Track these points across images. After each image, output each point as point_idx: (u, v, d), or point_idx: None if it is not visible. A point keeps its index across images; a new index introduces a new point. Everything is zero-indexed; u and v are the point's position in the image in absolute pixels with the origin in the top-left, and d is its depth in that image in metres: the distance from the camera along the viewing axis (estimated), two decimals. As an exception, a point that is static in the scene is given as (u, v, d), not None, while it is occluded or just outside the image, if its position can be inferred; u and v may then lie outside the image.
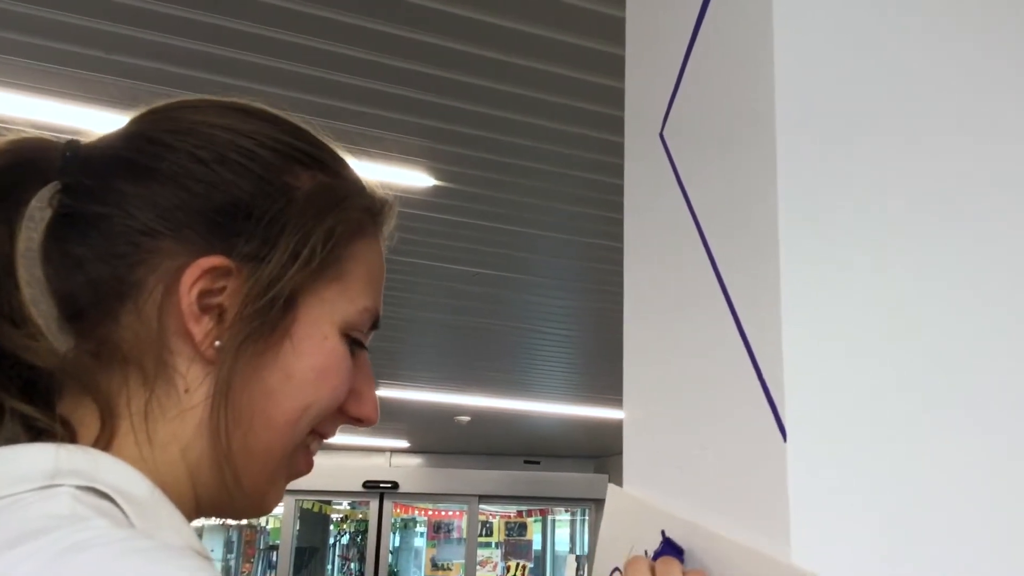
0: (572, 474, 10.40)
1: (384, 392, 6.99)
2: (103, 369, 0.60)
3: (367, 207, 0.69)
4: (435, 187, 3.45)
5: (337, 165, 0.69)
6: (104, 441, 0.59)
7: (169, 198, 0.61)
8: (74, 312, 0.60)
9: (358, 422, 0.70)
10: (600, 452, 10.46)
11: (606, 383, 6.56)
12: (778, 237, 0.77)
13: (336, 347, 0.65)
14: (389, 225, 0.72)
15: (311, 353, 0.63)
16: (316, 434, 0.68)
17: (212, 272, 0.61)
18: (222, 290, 0.61)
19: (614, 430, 7.67)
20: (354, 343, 0.67)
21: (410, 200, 3.54)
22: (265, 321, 0.61)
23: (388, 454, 10.35)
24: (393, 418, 8.20)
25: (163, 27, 2.49)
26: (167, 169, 0.62)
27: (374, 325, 0.69)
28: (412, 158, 3.23)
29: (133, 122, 0.66)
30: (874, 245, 0.80)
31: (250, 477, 0.63)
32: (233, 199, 0.62)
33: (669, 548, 0.79)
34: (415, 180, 3.39)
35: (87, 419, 0.60)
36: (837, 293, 0.78)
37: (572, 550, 12.43)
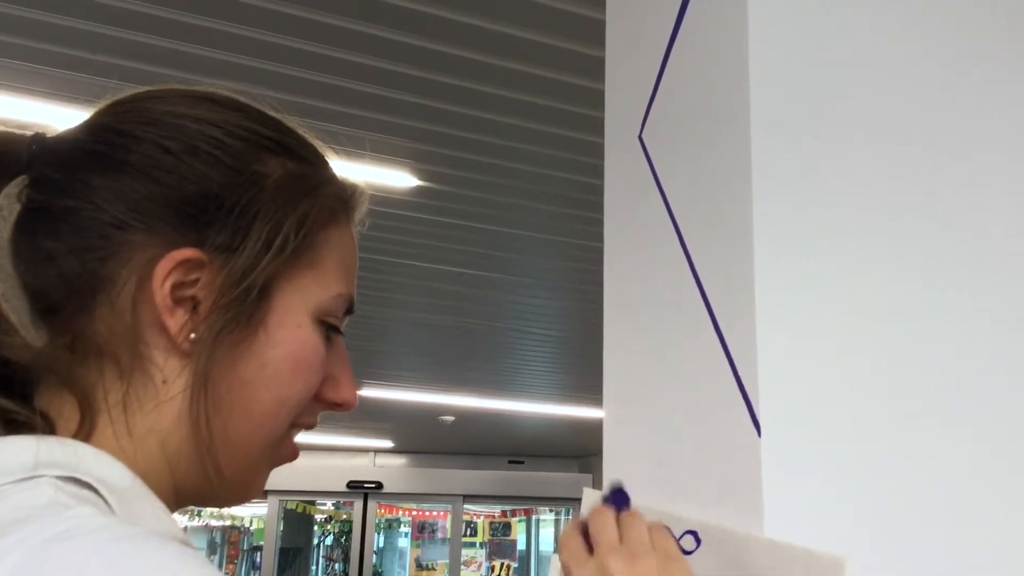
0: (556, 474, 10.41)
1: (368, 392, 6.98)
2: (79, 362, 0.60)
3: (337, 193, 0.69)
4: (418, 187, 3.46)
5: (305, 152, 0.68)
6: (83, 434, 0.59)
7: (139, 190, 0.61)
8: (47, 307, 0.60)
9: (337, 407, 0.70)
10: (584, 452, 10.48)
11: (590, 382, 6.57)
12: (753, 238, 0.79)
13: (310, 336, 0.65)
14: (360, 211, 0.71)
15: (285, 342, 0.63)
16: (298, 425, 0.68)
17: (185, 264, 0.60)
18: (195, 282, 0.61)
19: (598, 429, 7.68)
20: (330, 328, 0.67)
21: (393, 200, 3.54)
22: (240, 311, 0.61)
23: (372, 454, 10.33)
24: (377, 418, 8.18)
25: (147, 28, 2.49)
26: (136, 161, 0.61)
27: (349, 310, 0.69)
28: (395, 159, 3.24)
29: (99, 113, 0.65)
30: (847, 244, 0.82)
31: (232, 466, 0.64)
32: (203, 189, 0.61)
33: (620, 496, 0.76)
34: (398, 180, 3.40)
35: (65, 412, 0.60)
36: (810, 293, 0.80)
37: (556, 550, 12.42)
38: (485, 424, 8.57)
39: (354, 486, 9.69)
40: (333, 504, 11.07)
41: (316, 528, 11.40)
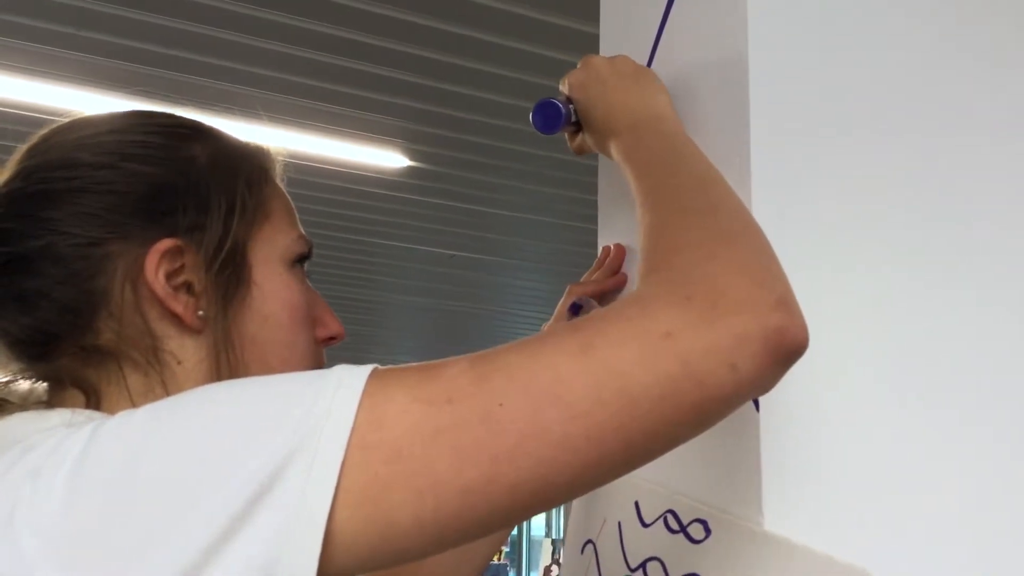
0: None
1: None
2: (95, 367, 0.65)
3: (259, 154, 0.74)
4: (410, 168, 3.45)
5: (209, 130, 0.73)
6: None
7: (96, 206, 0.65)
8: (46, 338, 0.64)
9: (331, 340, 0.76)
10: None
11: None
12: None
13: (291, 280, 0.71)
14: (278, 166, 0.76)
15: (275, 291, 0.70)
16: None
17: (167, 254, 0.65)
18: (182, 267, 0.66)
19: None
20: (301, 268, 0.73)
21: (385, 181, 3.53)
22: (231, 275, 0.67)
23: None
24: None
25: (143, 5, 2.48)
26: (80, 184, 0.65)
27: (308, 250, 0.74)
28: (387, 138, 3.22)
29: (20, 162, 0.68)
30: (843, 233, 0.82)
31: None
32: (152, 186, 0.66)
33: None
34: (390, 161, 3.39)
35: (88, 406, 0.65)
36: (806, 278, 0.79)
37: (548, 534, 12.51)
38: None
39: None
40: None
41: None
